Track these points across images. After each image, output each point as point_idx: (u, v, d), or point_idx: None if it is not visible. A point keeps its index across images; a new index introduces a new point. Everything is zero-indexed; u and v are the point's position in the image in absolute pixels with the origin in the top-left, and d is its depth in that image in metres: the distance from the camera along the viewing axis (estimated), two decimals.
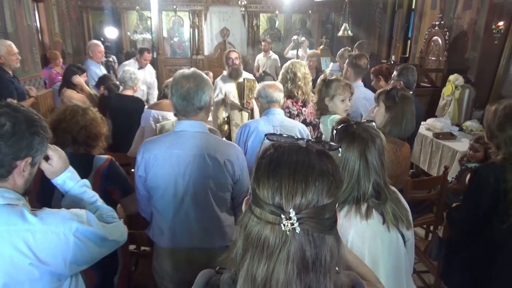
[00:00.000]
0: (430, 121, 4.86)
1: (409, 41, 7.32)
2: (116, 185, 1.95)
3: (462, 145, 4.10)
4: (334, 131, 1.32)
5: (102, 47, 5.48)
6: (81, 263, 1.18)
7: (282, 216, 0.66)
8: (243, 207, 0.76)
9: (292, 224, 0.66)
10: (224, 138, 3.01)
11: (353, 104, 3.20)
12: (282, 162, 0.70)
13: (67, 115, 1.91)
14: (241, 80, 4.05)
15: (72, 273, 1.15)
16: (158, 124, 3.00)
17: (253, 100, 4.34)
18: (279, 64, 7.19)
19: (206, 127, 1.84)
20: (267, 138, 0.78)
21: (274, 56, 7.44)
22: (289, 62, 3.29)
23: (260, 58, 7.50)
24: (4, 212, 1.05)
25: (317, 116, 2.81)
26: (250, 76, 4.24)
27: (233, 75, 4.05)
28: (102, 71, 5.43)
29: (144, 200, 1.89)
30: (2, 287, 1.03)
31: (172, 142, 1.77)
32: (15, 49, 3.91)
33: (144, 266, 2.61)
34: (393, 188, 1.40)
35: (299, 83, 3.11)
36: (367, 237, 1.27)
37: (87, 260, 1.20)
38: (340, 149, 0.82)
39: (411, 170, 4.08)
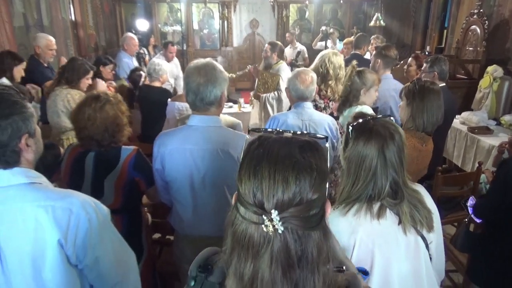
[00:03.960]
0: (465, 114, 4.65)
1: (445, 31, 7.00)
2: (142, 175, 1.97)
3: (499, 140, 3.88)
4: (350, 127, 1.27)
5: (136, 40, 5.58)
6: (88, 253, 1.17)
7: (264, 217, 0.66)
8: (233, 202, 0.76)
9: (273, 226, 0.65)
10: None
11: (382, 96, 3.10)
12: (264, 160, 0.68)
13: (88, 125, 1.87)
14: (271, 71, 4.19)
15: (74, 261, 1.16)
16: (179, 122, 3.01)
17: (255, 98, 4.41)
18: (306, 55, 7.18)
19: (218, 121, 1.83)
20: (249, 133, 0.78)
21: (300, 47, 7.35)
22: (325, 53, 3.14)
23: (286, 50, 7.44)
24: (29, 189, 1.10)
25: (341, 108, 2.70)
26: (283, 70, 4.23)
27: (264, 66, 4.28)
28: (134, 63, 5.55)
29: (163, 189, 1.92)
30: (30, 260, 1.08)
31: (186, 136, 1.77)
32: (54, 46, 4.09)
33: (168, 254, 2.66)
34: (416, 188, 1.33)
35: (330, 82, 3.03)
36: (378, 237, 1.22)
37: (95, 252, 1.19)
38: (326, 141, 0.79)
39: (443, 166, 3.93)
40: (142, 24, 8.44)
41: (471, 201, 2.33)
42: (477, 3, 5.52)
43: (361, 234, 1.22)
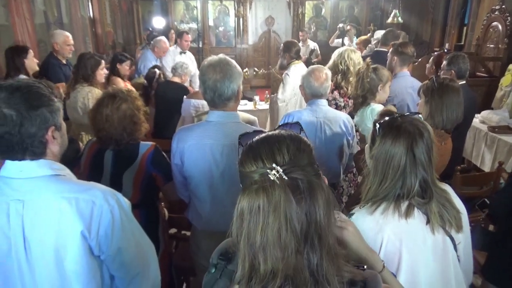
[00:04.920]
0: (485, 113, 4.54)
1: (465, 28, 6.86)
2: (159, 171, 2.00)
3: None
4: (377, 125, 1.26)
5: (167, 46, 5.62)
6: (111, 244, 1.20)
7: (268, 170, 0.75)
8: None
9: (277, 171, 0.74)
10: None
11: (399, 93, 3.07)
12: (257, 142, 0.82)
13: (106, 126, 1.89)
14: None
15: (97, 252, 1.19)
16: (195, 118, 3.03)
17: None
18: (319, 52, 7.16)
19: (237, 116, 1.84)
20: (239, 142, 0.89)
21: (312, 44, 7.31)
22: (343, 50, 3.11)
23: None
24: (54, 181, 1.14)
25: (355, 108, 2.66)
26: (291, 71, 4.19)
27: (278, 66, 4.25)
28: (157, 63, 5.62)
29: (182, 185, 1.94)
30: (53, 250, 1.11)
31: (204, 132, 1.78)
32: (71, 41, 4.13)
33: (184, 249, 2.69)
34: (444, 187, 1.31)
35: (351, 79, 3.00)
36: (406, 237, 1.21)
37: (117, 243, 1.21)
38: (302, 132, 0.89)
39: (461, 165, 3.86)
40: (158, 22, 8.52)
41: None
42: None
43: (388, 232, 1.21)
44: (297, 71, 3.90)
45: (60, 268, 1.13)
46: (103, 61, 3.38)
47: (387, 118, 1.26)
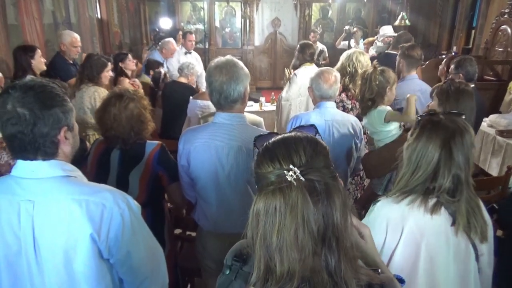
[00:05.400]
0: (493, 117, 4.50)
1: (473, 31, 6.81)
2: (165, 170, 2.00)
3: None
4: (419, 118, 1.29)
5: (175, 47, 5.65)
6: (120, 248, 1.19)
7: (285, 171, 0.75)
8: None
9: (295, 172, 0.74)
10: None
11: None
12: (274, 144, 0.82)
13: (114, 126, 1.90)
14: None
15: (107, 255, 1.18)
16: (201, 120, 3.02)
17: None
18: (327, 55, 7.16)
19: (243, 118, 1.83)
20: (254, 144, 0.90)
21: (321, 46, 7.30)
22: (352, 52, 3.09)
23: None
24: (64, 182, 1.13)
25: (364, 111, 2.63)
26: (298, 73, 4.18)
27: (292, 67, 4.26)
28: (164, 65, 5.63)
29: (188, 186, 1.94)
30: (62, 252, 1.11)
31: (211, 134, 1.78)
32: (79, 43, 4.14)
33: (188, 250, 2.69)
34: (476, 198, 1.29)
35: (359, 82, 2.98)
36: (428, 232, 1.20)
37: (127, 247, 1.21)
38: (318, 135, 0.89)
39: None
40: (165, 23, 8.54)
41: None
42: (508, 2, 5.35)
43: (410, 223, 1.21)
44: (306, 73, 3.88)
45: (69, 270, 1.12)
46: (109, 64, 3.39)
47: (429, 113, 1.29)
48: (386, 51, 4.70)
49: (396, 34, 4.96)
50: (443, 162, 1.20)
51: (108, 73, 3.37)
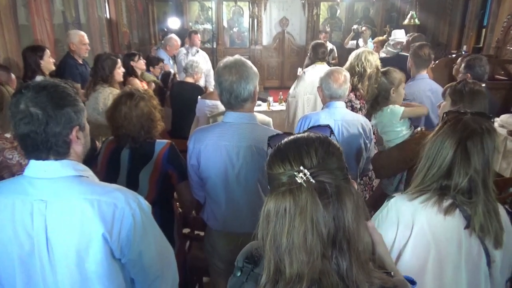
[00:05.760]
0: (504, 117, 4.43)
1: (484, 30, 6.72)
2: (175, 168, 2.01)
3: None
4: (444, 114, 1.29)
5: (179, 43, 5.68)
6: (132, 248, 1.20)
7: (295, 173, 0.74)
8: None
9: (305, 174, 0.74)
10: None
11: (418, 96, 3.02)
12: (285, 144, 0.82)
13: (125, 124, 1.92)
14: None
15: (118, 255, 1.19)
16: (211, 119, 3.03)
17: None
18: (336, 55, 7.13)
19: (254, 118, 1.83)
20: (268, 144, 0.91)
21: (330, 46, 7.27)
22: (361, 52, 3.06)
23: None
24: (76, 182, 1.14)
25: (371, 111, 2.62)
26: (306, 71, 4.17)
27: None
28: (171, 63, 5.66)
29: (197, 185, 1.95)
30: (74, 251, 1.11)
31: (221, 133, 1.78)
32: (87, 40, 4.17)
33: (197, 249, 2.70)
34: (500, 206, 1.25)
35: (367, 82, 2.97)
36: (440, 233, 1.19)
37: (138, 247, 1.21)
38: (332, 135, 0.88)
39: None
40: (173, 22, 8.57)
41: None
42: None
43: (422, 221, 1.19)
44: (315, 71, 3.91)
45: (81, 269, 1.13)
46: (119, 60, 3.42)
47: (456, 110, 1.28)
48: (399, 53, 4.68)
49: (407, 38, 4.94)
50: (458, 160, 1.18)
51: (120, 70, 3.41)
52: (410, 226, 1.22)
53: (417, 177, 1.28)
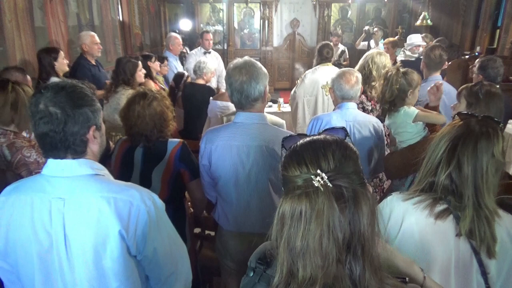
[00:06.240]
0: None
1: (498, 30, 6.64)
2: (187, 167, 2.04)
3: None
4: (456, 115, 1.29)
5: (180, 40, 5.74)
6: (147, 244, 1.22)
7: (312, 176, 0.74)
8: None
9: (322, 178, 0.73)
10: None
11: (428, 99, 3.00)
12: (302, 146, 0.81)
13: (138, 123, 1.96)
14: None
15: (134, 252, 1.21)
16: (224, 118, 3.05)
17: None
18: (347, 56, 7.12)
19: (264, 118, 1.85)
20: (283, 145, 0.90)
21: (342, 47, 7.25)
22: (369, 54, 3.06)
23: None
24: (93, 180, 1.17)
25: (385, 113, 2.60)
26: (319, 70, 4.16)
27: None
28: (178, 63, 5.70)
29: (209, 185, 1.97)
30: (92, 248, 1.14)
31: (232, 133, 1.80)
32: (97, 39, 4.24)
33: (207, 249, 2.72)
34: (502, 213, 1.20)
35: (373, 83, 2.95)
36: (428, 236, 1.17)
37: (153, 244, 1.23)
38: (348, 137, 0.87)
39: None
40: (185, 24, 8.64)
41: None
42: None
43: (411, 220, 1.19)
44: (317, 73, 3.92)
45: (98, 266, 1.15)
46: (139, 62, 3.51)
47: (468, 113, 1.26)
48: (420, 57, 4.63)
49: (424, 43, 4.89)
50: (444, 157, 1.18)
51: (141, 72, 3.52)
52: (399, 223, 1.21)
53: (420, 175, 1.28)
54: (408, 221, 1.19)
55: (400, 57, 5.36)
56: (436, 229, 1.18)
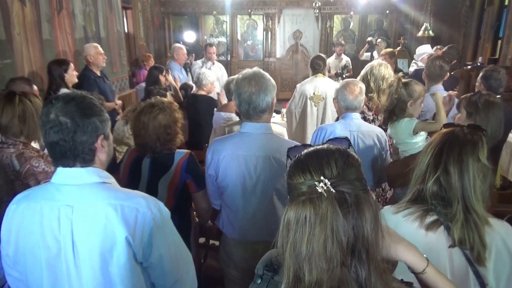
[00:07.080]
0: None
1: (499, 41, 6.67)
2: (193, 177, 2.05)
3: None
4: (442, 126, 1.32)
5: (185, 50, 5.81)
6: (153, 251, 1.23)
7: (316, 182, 0.77)
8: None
9: (325, 184, 0.76)
10: None
11: (431, 109, 3.02)
12: (306, 155, 0.85)
13: (142, 133, 1.98)
14: None
15: (140, 258, 1.22)
16: (226, 128, 3.08)
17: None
18: (351, 67, 7.12)
19: (270, 128, 1.87)
20: (288, 155, 0.92)
21: (346, 58, 7.29)
22: (369, 65, 3.10)
23: (331, 60, 7.41)
24: (101, 188, 1.20)
25: (388, 121, 2.63)
26: (307, 82, 4.20)
27: None
28: (183, 73, 5.77)
29: (214, 194, 1.98)
30: (99, 254, 1.16)
31: (238, 143, 1.82)
32: (101, 50, 4.31)
33: (212, 259, 2.72)
34: (493, 222, 1.19)
35: (370, 95, 2.99)
36: (420, 248, 1.17)
37: (159, 250, 1.24)
38: (351, 147, 0.90)
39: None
40: (189, 36, 8.76)
41: None
42: None
43: (402, 232, 1.15)
44: (307, 84, 4.07)
45: (105, 272, 1.17)
46: (168, 93, 3.76)
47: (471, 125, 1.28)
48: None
49: (439, 50, 4.91)
50: (431, 162, 1.20)
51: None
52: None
53: (413, 185, 1.29)
54: (400, 233, 1.19)
55: (412, 68, 5.40)
56: (427, 240, 1.18)
